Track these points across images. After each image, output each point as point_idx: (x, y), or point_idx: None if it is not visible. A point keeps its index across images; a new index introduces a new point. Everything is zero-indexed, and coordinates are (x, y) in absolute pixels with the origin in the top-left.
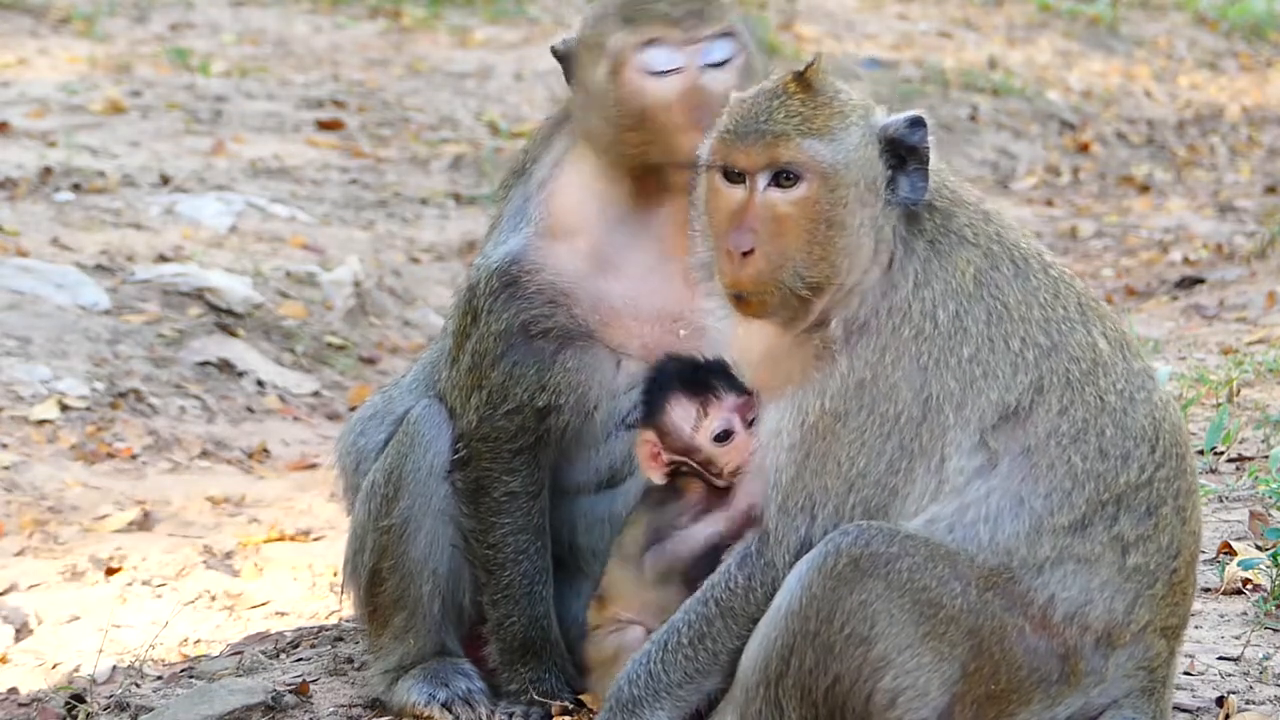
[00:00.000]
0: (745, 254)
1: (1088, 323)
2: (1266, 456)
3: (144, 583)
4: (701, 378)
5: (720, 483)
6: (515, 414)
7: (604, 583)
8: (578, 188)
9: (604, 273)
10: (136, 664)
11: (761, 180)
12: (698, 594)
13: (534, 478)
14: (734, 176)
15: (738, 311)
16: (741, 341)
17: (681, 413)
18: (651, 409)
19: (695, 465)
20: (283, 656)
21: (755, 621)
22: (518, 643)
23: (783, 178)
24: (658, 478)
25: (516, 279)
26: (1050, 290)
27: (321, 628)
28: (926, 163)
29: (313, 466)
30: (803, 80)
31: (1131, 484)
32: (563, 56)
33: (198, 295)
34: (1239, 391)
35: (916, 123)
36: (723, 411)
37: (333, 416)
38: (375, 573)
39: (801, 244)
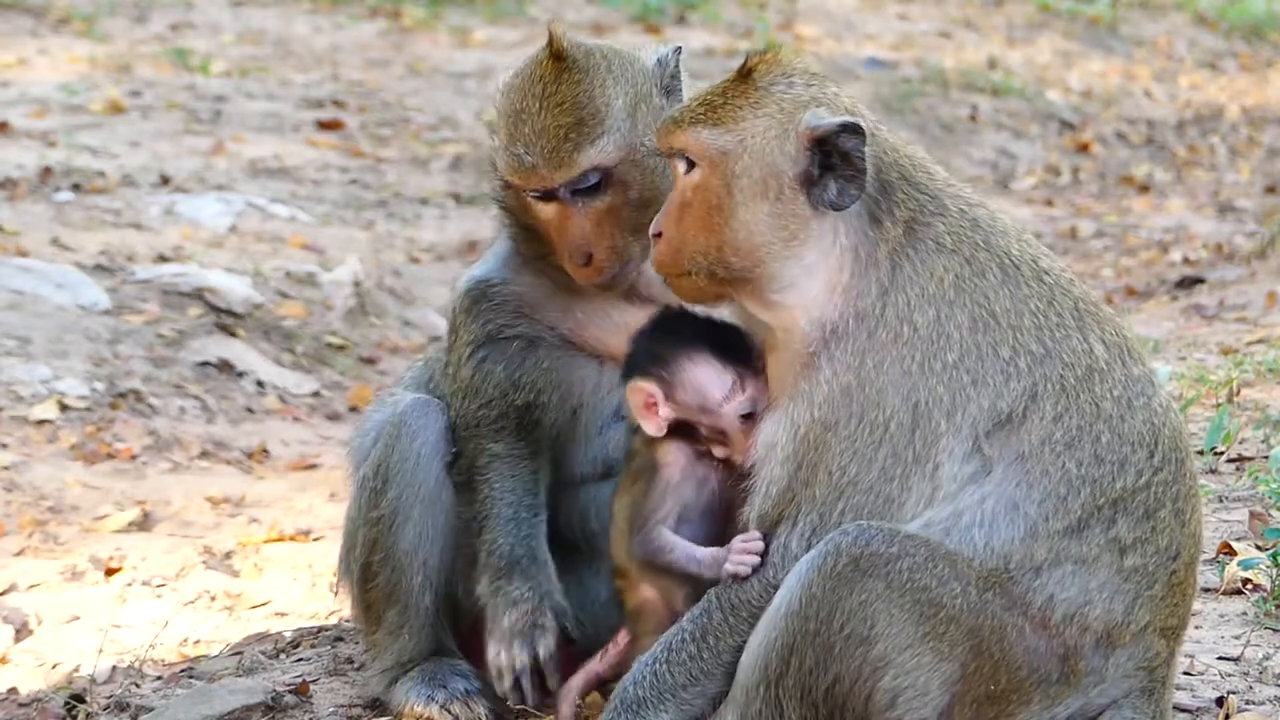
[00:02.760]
0: (656, 236)
1: (1084, 329)
2: (1266, 456)
3: (144, 583)
4: (734, 344)
5: (718, 451)
6: (489, 406)
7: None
8: None
9: (567, 293)
10: (136, 664)
11: (680, 165)
12: (701, 600)
13: (518, 444)
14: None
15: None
16: None
17: (714, 377)
18: (659, 360)
19: (701, 429)
20: (283, 656)
21: (753, 620)
22: (504, 562)
23: (684, 164)
24: (652, 430)
25: (484, 294)
26: (1043, 297)
27: (321, 628)
28: (861, 172)
29: (313, 466)
30: (742, 71)
31: (1128, 489)
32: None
33: (198, 295)
34: (1239, 391)
35: (849, 129)
36: (753, 391)
37: (333, 416)
38: (366, 567)
39: (696, 228)
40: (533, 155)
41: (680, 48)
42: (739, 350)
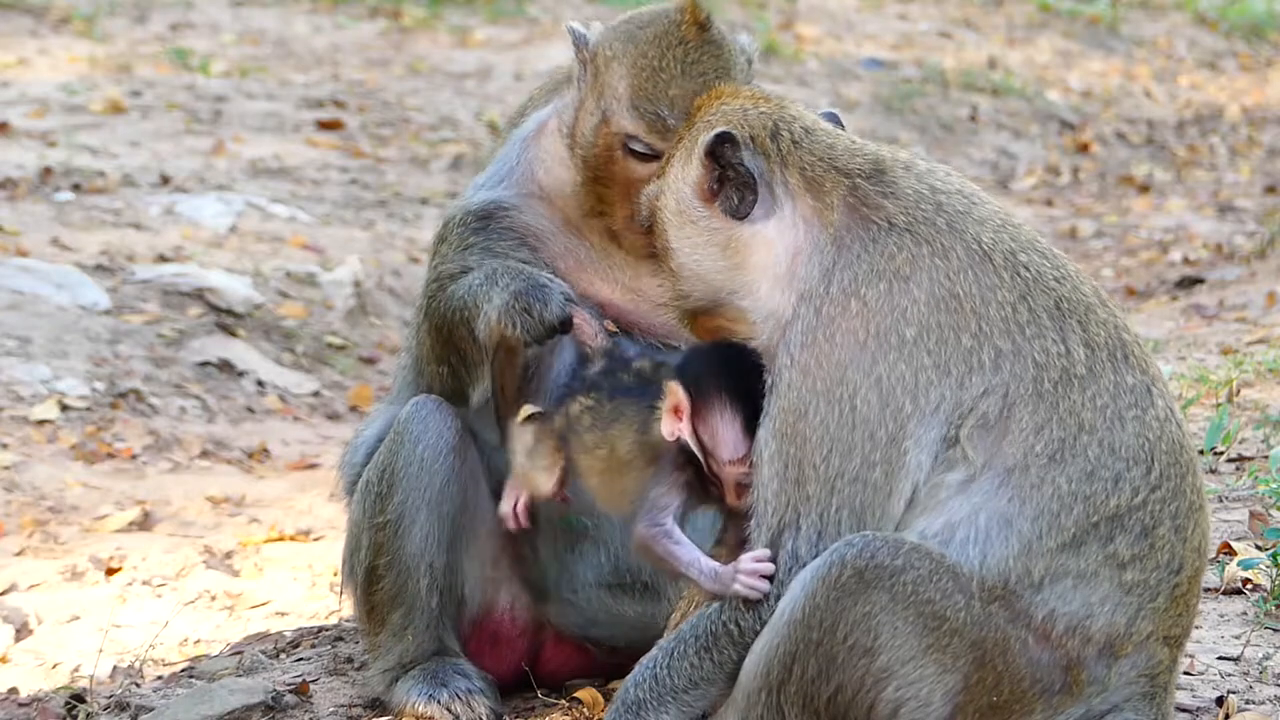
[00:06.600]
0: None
1: (1064, 329)
2: (1266, 456)
3: (144, 583)
4: (755, 401)
5: (713, 490)
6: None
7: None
8: (556, 155)
9: (574, 233)
10: (136, 664)
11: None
12: (704, 607)
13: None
14: None
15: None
16: None
17: (733, 439)
18: (706, 388)
19: (705, 467)
20: (283, 656)
21: (758, 632)
22: (497, 269)
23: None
24: (664, 431)
25: (492, 216)
26: (1015, 290)
27: (321, 628)
28: (746, 177)
29: (313, 466)
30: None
31: (1124, 506)
32: (580, 49)
33: (198, 295)
34: (1239, 391)
35: (721, 139)
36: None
37: (333, 416)
38: (371, 570)
39: (668, 276)
40: (675, 118)
41: (756, 45)
42: (758, 402)
